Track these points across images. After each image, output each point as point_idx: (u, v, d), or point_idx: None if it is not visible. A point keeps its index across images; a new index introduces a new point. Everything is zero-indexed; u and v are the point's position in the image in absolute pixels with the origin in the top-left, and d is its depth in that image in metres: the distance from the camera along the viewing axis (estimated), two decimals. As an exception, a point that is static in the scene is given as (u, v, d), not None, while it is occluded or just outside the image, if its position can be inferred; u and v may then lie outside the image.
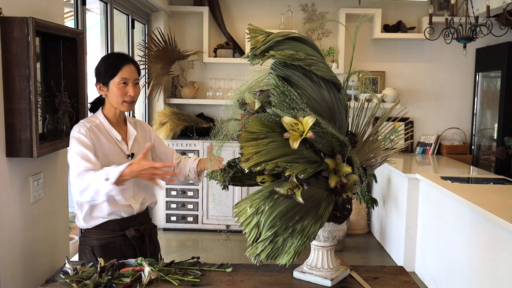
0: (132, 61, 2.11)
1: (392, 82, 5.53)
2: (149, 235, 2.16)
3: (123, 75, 2.02)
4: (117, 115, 2.11)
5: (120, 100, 2.04)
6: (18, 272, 1.75)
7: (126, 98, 2.05)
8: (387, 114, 1.75)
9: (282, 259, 1.48)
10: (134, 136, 2.14)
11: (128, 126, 2.16)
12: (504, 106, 4.84)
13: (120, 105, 2.06)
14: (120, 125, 2.14)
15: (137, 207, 2.11)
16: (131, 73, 2.05)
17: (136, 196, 2.11)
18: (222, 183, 1.64)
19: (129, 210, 2.08)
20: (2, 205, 1.65)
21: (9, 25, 1.65)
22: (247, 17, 5.44)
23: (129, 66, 2.06)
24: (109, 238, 2.02)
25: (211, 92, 5.39)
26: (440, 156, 5.34)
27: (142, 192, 2.14)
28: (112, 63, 2.06)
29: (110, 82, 2.02)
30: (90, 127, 2.01)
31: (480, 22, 4.16)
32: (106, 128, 2.07)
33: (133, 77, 2.06)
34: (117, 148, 2.06)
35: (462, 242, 3.36)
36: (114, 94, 2.03)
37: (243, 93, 1.65)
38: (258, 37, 1.48)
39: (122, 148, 2.08)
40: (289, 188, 1.44)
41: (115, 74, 2.02)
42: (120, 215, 2.05)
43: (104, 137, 2.04)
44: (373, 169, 1.76)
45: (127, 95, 2.04)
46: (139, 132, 2.20)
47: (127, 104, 2.07)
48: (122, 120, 2.15)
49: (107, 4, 3.73)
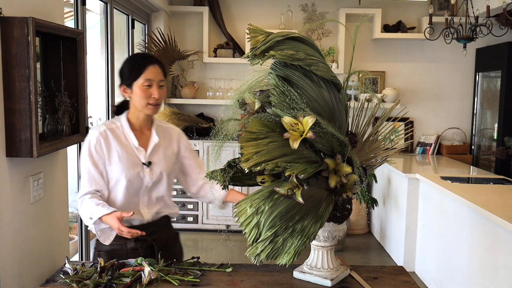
0: (157, 61, 2.00)
1: (392, 82, 5.53)
2: (164, 244, 2.04)
3: (147, 76, 1.93)
4: (141, 119, 2.02)
5: (144, 103, 1.95)
6: (18, 272, 1.75)
7: (151, 101, 1.95)
8: (387, 114, 1.75)
9: (282, 259, 1.48)
10: (154, 143, 2.03)
11: (152, 132, 2.05)
12: (504, 106, 4.84)
13: (144, 108, 1.97)
14: (143, 130, 2.04)
15: (149, 216, 2.04)
16: (156, 74, 1.96)
17: (150, 205, 2.05)
18: (222, 183, 1.64)
19: (140, 219, 2.02)
20: (2, 205, 1.65)
21: (9, 25, 1.65)
22: (247, 17, 5.44)
23: (154, 66, 1.96)
24: (116, 245, 1.97)
25: (211, 92, 5.39)
26: (440, 156, 5.34)
27: (158, 203, 2.07)
28: (136, 63, 1.97)
29: (133, 83, 1.95)
30: (104, 131, 1.97)
31: (480, 22, 4.16)
32: (125, 132, 1.99)
33: (158, 78, 1.96)
34: (132, 154, 1.99)
35: (462, 242, 3.35)
36: (137, 97, 1.95)
37: (243, 93, 1.65)
38: (258, 37, 1.48)
39: (138, 155, 2.00)
40: (289, 188, 1.44)
41: (139, 75, 1.93)
42: (130, 223, 1.99)
43: (118, 142, 1.97)
44: (373, 169, 1.76)
45: (151, 98, 1.95)
46: (163, 139, 2.07)
47: (151, 107, 1.97)
48: (146, 125, 2.05)
49: (107, 4, 3.73)
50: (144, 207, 2.04)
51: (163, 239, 2.07)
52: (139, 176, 2.00)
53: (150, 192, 2.04)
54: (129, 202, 2.01)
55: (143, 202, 2.04)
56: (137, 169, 1.98)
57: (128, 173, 1.97)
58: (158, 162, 2.03)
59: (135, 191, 2.01)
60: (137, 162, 1.99)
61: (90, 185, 1.96)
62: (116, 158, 1.96)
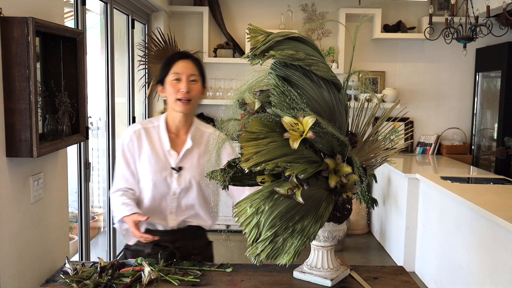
0: (190, 56, 1.92)
1: (392, 82, 5.53)
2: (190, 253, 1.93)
3: (175, 70, 1.87)
4: (177, 121, 1.93)
5: (173, 98, 1.86)
6: (18, 272, 1.75)
7: (179, 95, 1.85)
8: (387, 114, 1.75)
9: (282, 259, 1.48)
10: (187, 148, 1.94)
11: (188, 136, 1.94)
12: (504, 106, 4.84)
13: (174, 105, 1.87)
14: (179, 133, 1.96)
15: (174, 224, 1.96)
16: (185, 68, 1.87)
17: (178, 213, 1.96)
18: (222, 183, 1.63)
19: (164, 224, 1.96)
20: (2, 205, 1.65)
21: (9, 25, 1.64)
22: (247, 17, 5.44)
23: (184, 61, 1.89)
24: (141, 246, 1.94)
25: (211, 92, 5.39)
26: (440, 156, 5.34)
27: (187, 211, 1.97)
28: (167, 60, 1.92)
29: (165, 80, 1.89)
30: (138, 130, 1.93)
31: (480, 22, 4.16)
32: (160, 133, 1.93)
33: (187, 72, 1.87)
34: (162, 158, 1.92)
35: (462, 242, 3.35)
36: (168, 93, 1.89)
37: (243, 93, 1.64)
38: (258, 37, 1.48)
39: (169, 159, 1.92)
40: (289, 188, 1.44)
41: (168, 71, 1.88)
42: (155, 227, 1.96)
43: (150, 143, 1.92)
44: (373, 169, 1.76)
45: (179, 92, 1.85)
46: (200, 145, 1.95)
47: (180, 103, 1.86)
48: (183, 127, 1.95)
49: (107, 4, 3.73)
50: (171, 213, 1.96)
51: (188, 248, 1.97)
52: (165, 181, 1.93)
53: (180, 199, 1.96)
54: (156, 206, 1.95)
55: (171, 208, 1.96)
56: (164, 173, 1.92)
57: (154, 177, 1.92)
58: (190, 168, 1.93)
59: (162, 196, 1.95)
60: (166, 166, 1.92)
61: (122, 182, 1.95)
62: (145, 159, 1.92)
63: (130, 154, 1.94)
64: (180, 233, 1.98)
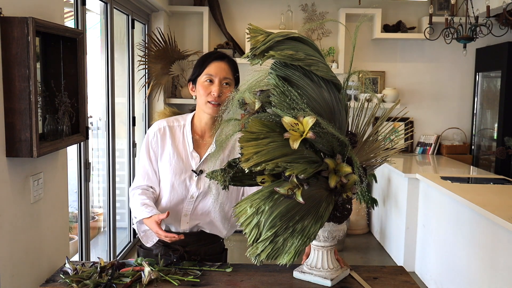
0: (226, 58, 1.86)
1: (392, 82, 5.53)
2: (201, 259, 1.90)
3: (208, 71, 1.82)
4: (203, 122, 1.89)
5: (203, 100, 1.82)
6: (18, 272, 1.75)
7: (210, 98, 1.81)
8: (387, 114, 1.75)
9: (283, 259, 1.48)
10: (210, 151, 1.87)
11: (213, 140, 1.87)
12: (504, 106, 4.84)
13: (204, 106, 1.83)
14: (204, 135, 1.91)
15: (186, 227, 1.92)
16: (219, 70, 1.82)
17: (193, 217, 1.92)
18: (222, 183, 1.63)
19: (176, 226, 1.93)
20: (2, 205, 1.64)
21: (9, 25, 1.64)
22: (247, 17, 5.44)
23: (219, 62, 1.84)
24: (153, 245, 1.93)
25: (211, 92, 5.39)
26: (440, 156, 5.34)
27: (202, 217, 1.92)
28: (201, 59, 1.87)
29: (197, 80, 1.85)
30: (163, 128, 1.90)
31: (480, 22, 4.16)
32: (185, 133, 1.89)
33: (221, 75, 1.82)
34: (184, 159, 1.88)
35: (462, 242, 3.35)
36: (198, 94, 1.84)
37: (243, 93, 1.64)
38: (258, 37, 1.48)
39: (191, 161, 1.87)
40: (289, 188, 1.44)
41: (201, 71, 1.84)
42: (169, 227, 1.94)
43: (173, 143, 1.87)
44: (373, 169, 1.76)
45: (210, 95, 1.81)
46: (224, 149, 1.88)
47: (210, 106, 1.82)
48: (210, 130, 1.89)
49: (107, 4, 3.73)
50: (185, 215, 1.92)
51: (200, 253, 1.93)
52: (184, 184, 1.89)
53: (196, 203, 1.91)
54: (171, 207, 1.92)
55: (186, 211, 1.92)
56: (184, 176, 1.88)
57: (173, 178, 1.89)
58: None
59: (179, 198, 1.91)
60: (187, 169, 1.88)
61: (143, 179, 1.92)
62: (166, 159, 1.89)
63: (153, 151, 1.91)
64: (191, 238, 1.93)
